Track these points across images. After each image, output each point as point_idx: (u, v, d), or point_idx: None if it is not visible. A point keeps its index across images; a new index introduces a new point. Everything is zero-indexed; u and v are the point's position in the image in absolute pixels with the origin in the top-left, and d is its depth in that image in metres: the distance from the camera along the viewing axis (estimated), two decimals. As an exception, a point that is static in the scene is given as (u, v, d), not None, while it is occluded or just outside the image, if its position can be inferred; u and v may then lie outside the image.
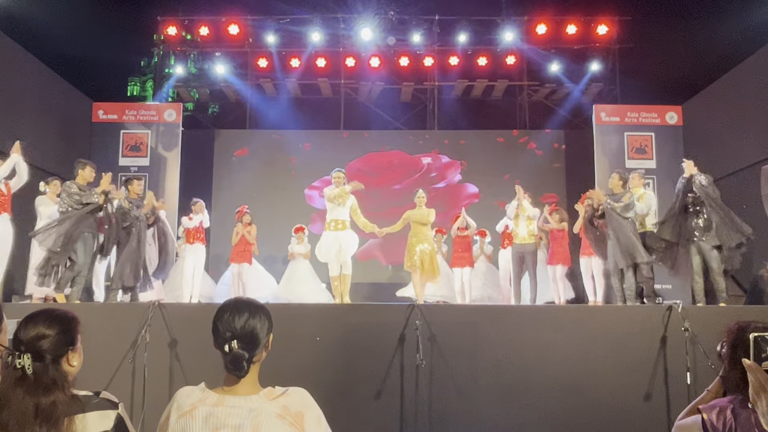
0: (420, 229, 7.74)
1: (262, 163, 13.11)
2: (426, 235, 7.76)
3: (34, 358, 1.73)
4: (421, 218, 7.75)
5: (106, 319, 5.78)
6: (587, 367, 5.63)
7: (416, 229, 7.76)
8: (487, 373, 5.65)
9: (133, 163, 11.70)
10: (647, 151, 11.66)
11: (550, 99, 13.70)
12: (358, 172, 12.47)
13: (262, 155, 13.18)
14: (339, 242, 7.34)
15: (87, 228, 6.71)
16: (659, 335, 5.68)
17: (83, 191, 6.72)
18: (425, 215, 7.77)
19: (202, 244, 9.11)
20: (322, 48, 12.95)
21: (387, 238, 9.20)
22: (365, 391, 5.58)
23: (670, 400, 5.54)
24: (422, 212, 7.80)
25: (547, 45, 12.90)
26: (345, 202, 7.45)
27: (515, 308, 7.42)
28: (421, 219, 7.75)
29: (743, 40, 9.78)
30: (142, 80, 37.15)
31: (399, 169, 13.16)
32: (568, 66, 12.94)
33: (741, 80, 10.04)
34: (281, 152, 13.16)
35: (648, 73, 12.11)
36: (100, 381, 5.13)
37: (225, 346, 1.82)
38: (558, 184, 12.96)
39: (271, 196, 12.72)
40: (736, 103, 9.89)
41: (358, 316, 5.98)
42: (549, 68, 12.94)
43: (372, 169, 13.13)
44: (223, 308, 1.90)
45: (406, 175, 13.14)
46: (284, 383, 1.87)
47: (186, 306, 7.15)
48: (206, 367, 2.78)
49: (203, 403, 1.79)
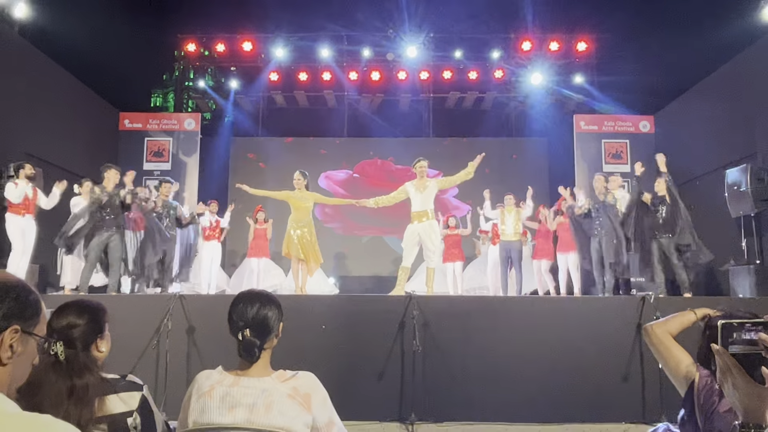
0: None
1: (273, 166, 13.10)
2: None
3: (66, 345, 1.73)
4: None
5: (133, 309, 5.78)
6: (569, 352, 5.63)
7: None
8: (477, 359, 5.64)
9: (157, 168, 11.71)
10: (623, 156, 11.67)
11: (534, 109, 13.68)
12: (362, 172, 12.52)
13: (273, 160, 13.17)
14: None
15: (101, 227, 6.65)
16: (635, 323, 5.68)
17: (100, 193, 6.70)
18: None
19: (218, 242, 9.13)
20: (328, 63, 12.94)
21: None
22: (367, 374, 5.58)
23: (645, 380, 5.54)
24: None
25: (531, 60, 12.88)
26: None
27: (504, 299, 7.42)
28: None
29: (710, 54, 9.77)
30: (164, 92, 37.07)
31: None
32: (550, 79, 12.92)
33: (708, 92, 10.03)
34: (290, 157, 13.15)
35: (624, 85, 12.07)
36: (127, 365, 5.13)
37: (239, 334, 1.82)
38: (541, 186, 12.94)
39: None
40: (704, 112, 9.88)
41: (359, 306, 5.98)
42: (533, 81, 12.92)
43: (375, 172, 13.17)
44: (238, 299, 1.90)
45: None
46: (294, 368, 1.88)
47: (204, 297, 7.15)
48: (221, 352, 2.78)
49: (221, 384, 1.80)
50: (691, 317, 2.07)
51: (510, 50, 12.85)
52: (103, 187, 6.80)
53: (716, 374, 1.27)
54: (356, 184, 13.30)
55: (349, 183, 13.36)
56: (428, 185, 7.02)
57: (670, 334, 2.05)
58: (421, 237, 6.95)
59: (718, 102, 9.46)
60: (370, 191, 12.93)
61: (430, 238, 6.90)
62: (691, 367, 1.94)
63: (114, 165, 7.05)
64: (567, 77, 12.86)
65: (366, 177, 13.40)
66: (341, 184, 13.36)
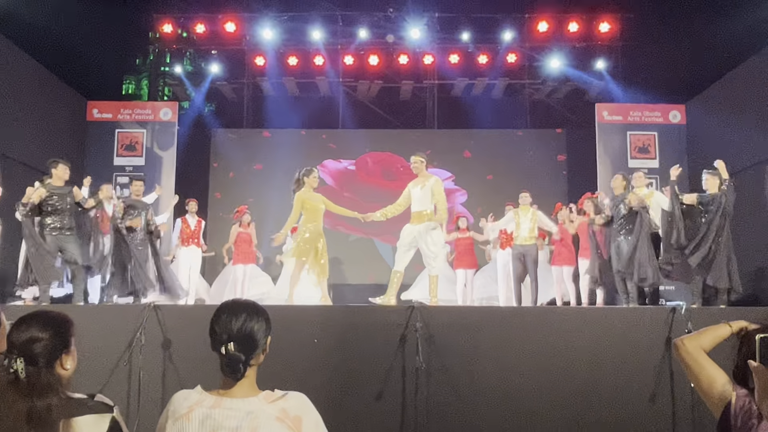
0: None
1: (259, 162, 13.10)
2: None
3: (27, 361, 1.72)
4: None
5: (102, 321, 5.77)
6: (591, 370, 5.62)
7: None
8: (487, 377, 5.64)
9: (129, 163, 11.71)
10: (650, 150, 11.67)
11: (551, 98, 13.70)
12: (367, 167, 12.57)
13: (258, 154, 13.18)
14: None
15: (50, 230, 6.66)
16: (664, 337, 5.67)
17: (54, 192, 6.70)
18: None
19: (197, 247, 9.12)
20: (321, 46, 12.94)
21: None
22: (365, 394, 5.57)
23: (675, 401, 5.54)
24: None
25: (548, 43, 12.90)
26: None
27: (518, 310, 7.41)
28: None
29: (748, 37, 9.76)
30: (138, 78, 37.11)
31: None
32: (569, 64, 12.94)
33: (745, 78, 10.04)
34: (278, 152, 13.14)
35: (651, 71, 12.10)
36: (95, 384, 5.11)
37: (222, 348, 1.81)
38: (559, 185, 12.96)
39: (268, 196, 12.72)
40: (740, 101, 9.89)
41: (356, 318, 5.97)
42: (550, 66, 12.93)
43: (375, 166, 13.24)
44: (221, 309, 1.89)
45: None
46: (282, 386, 1.87)
47: (182, 308, 7.13)
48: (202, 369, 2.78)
49: (200, 405, 1.79)
50: (726, 330, 2.06)
51: (524, 32, 12.86)
52: (48, 183, 6.78)
53: (755, 393, 1.27)
54: (351, 177, 13.32)
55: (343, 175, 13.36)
56: (427, 183, 6.94)
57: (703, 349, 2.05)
58: (416, 240, 6.89)
59: (758, 88, 9.46)
60: (365, 188, 12.98)
61: (425, 241, 6.80)
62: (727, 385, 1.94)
63: (62, 160, 7.00)
64: (588, 62, 12.88)
65: (361, 171, 13.41)
66: (335, 176, 13.35)
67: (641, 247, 6.90)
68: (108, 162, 11.53)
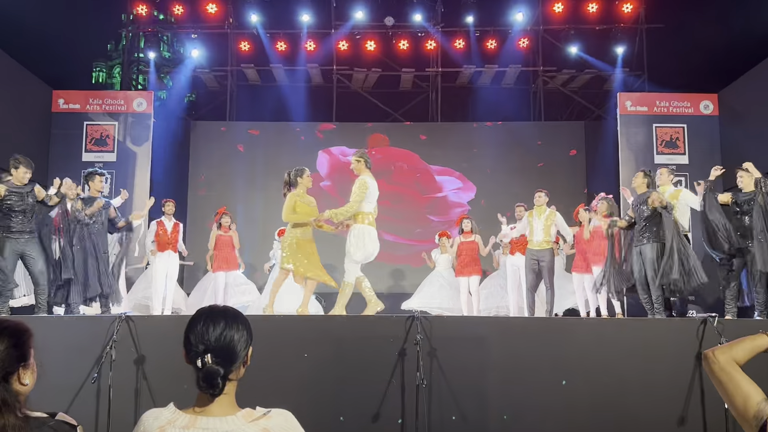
0: None
1: (243, 159, 13.11)
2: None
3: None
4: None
5: (67, 333, 5.76)
6: (612, 388, 5.62)
7: None
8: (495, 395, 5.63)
9: (98, 159, 11.68)
10: (678, 144, 11.67)
11: (567, 87, 13.72)
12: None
13: (243, 149, 13.19)
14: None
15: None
16: (693, 352, 5.67)
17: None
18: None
19: (174, 252, 9.11)
20: (312, 30, 12.96)
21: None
22: (359, 414, 5.56)
23: (707, 424, 5.53)
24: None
25: (564, 26, 12.92)
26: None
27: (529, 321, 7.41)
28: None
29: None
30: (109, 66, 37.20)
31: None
32: (588, 50, 12.96)
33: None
34: (265, 146, 13.16)
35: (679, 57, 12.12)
36: (60, 402, 5.10)
37: (197, 361, 1.80)
38: (577, 183, 12.97)
39: (252, 196, 12.72)
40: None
41: (350, 329, 5.97)
42: (567, 52, 12.95)
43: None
44: (196, 317, 1.88)
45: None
46: (266, 404, 1.86)
47: (157, 319, 7.13)
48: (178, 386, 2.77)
49: (172, 425, 1.78)
50: (765, 341, 2.05)
51: (537, 14, 12.89)
52: (9, 181, 6.80)
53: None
54: (344, 170, 13.34)
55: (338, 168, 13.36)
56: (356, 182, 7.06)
57: (737, 362, 2.03)
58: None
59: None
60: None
61: (348, 241, 6.91)
62: (763, 404, 1.93)
63: (25, 161, 7.01)
64: (609, 46, 12.90)
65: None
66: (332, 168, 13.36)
67: (669, 252, 6.90)
68: (75, 158, 11.51)
